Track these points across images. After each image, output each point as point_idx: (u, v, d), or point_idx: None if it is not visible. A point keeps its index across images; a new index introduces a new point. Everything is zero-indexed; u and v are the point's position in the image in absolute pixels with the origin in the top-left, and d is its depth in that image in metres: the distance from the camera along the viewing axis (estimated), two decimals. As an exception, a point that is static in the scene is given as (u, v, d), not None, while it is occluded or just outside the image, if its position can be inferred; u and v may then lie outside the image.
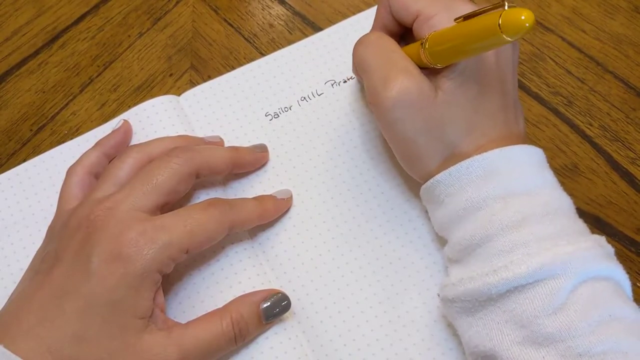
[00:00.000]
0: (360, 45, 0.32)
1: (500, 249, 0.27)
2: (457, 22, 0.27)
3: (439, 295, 0.30)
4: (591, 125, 0.40)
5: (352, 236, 0.35)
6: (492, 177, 0.28)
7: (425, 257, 0.34)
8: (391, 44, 0.31)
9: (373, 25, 0.34)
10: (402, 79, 0.29)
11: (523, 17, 0.22)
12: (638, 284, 0.36)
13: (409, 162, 0.32)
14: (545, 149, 0.39)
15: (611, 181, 0.38)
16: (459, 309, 0.28)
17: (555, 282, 0.25)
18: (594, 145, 0.39)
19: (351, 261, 0.35)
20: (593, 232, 0.36)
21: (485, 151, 0.28)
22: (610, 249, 0.28)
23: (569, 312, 0.25)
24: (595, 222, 0.37)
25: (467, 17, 0.27)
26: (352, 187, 0.37)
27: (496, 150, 0.28)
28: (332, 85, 0.40)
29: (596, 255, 0.26)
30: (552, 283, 0.25)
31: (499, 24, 0.22)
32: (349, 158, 0.38)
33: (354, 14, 0.43)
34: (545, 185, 0.29)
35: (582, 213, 0.37)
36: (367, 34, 0.33)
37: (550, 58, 0.42)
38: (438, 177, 0.29)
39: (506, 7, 0.23)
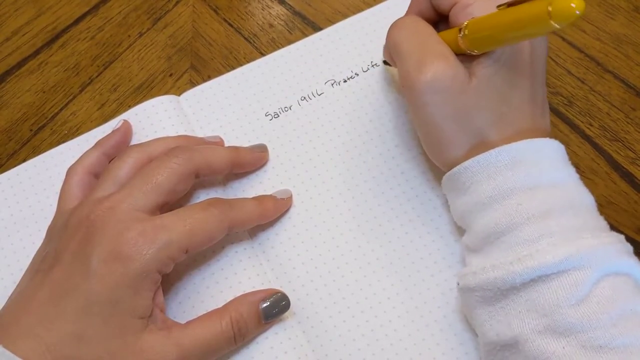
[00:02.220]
0: (395, 28, 0.32)
1: (525, 238, 0.27)
2: (500, 9, 0.27)
3: (458, 284, 0.30)
4: (591, 125, 0.40)
5: (352, 236, 0.35)
6: (520, 167, 0.28)
7: (426, 257, 0.34)
8: (427, 27, 0.31)
9: (408, 10, 0.34)
10: (437, 63, 0.29)
11: (574, 5, 0.22)
12: (638, 284, 0.36)
13: (436, 148, 0.31)
14: (545, 149, 0.39)
15: (611, 181, 0.38)
16: (479, 298, 0.28)
17: (580, 273, 0.25)
18: (594, 145, 0.39)
19: (351, 261, 0.35)
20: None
21: (512, 142, 0.28)
22: (629, 247, 0.28)
23: (591, 303, 0.25)
24: (596, 222, 0.37)
25: (510, 4, 0.27)
26: (352, 187, 0.37)
27: (525, 141, 0.28)
28: (332, 85, 0.40)
29: (618, 250, 0.26)
30: (577, 274, 0.25)
31: (548, 11, 0.22)
32: (349, 158, 0.38)
33: (354, 14, 0.43)
34: (570, 180, 0.29)
35: (582, 213, 0.37)
36: (402, 17, 0.33)
37: (551, 58, 0.42)
38: (466, 163, 0.29)
39: None
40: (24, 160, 0.39)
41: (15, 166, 0.39)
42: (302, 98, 0.40)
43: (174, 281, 0.34)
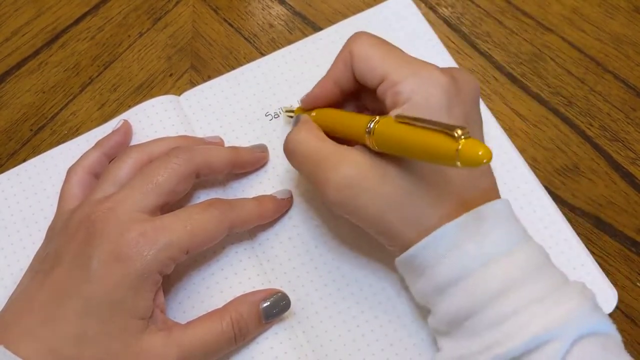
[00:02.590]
0: (288, 153, 0.31)
1: (489, 321, 0.26)
2: (399, 121, 0.26)
3: None
4: (591, 125, 0.40)
5: (353, 236, 0.35)
6: (468, 243, 0.27)
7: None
8: (316, 141, 0.30)
9: (325, 77, 0.33)
10: (341, 172, 0.28)
11: (480, 153, 0.21)
12: (638, 283, 0.36)
13: (386, 238, 0.29)
14: (545, 149, 0.39)
15: (611, 181, 0.38)
16: None
17: (549, 348, 0.24)
18: (594, 145, 0.39)
19: (351, 261, 0.35)
20: (593, 232, 0.37)
21: (460, 213, 0.27)
22: (592, 294, 0.27)
23: None
24: (596, 222, 0.37)
25: (410, 121, 0.25)
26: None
27: (467, 214, 0.27)
28: (332, 85, 0.40)
29: (584, 312, 0.25)
30: (547, 350, 0.24)
31: (456, 151, 0.22)
32: (349, 158, 0.38)
33: (354, 14, 0.43)
34: (520, 240, 0.27)
35: (582, 213, 0.37)
36: (289, 139, 0.31)
37: (551, 58, 0.42)
38: (411, 251, 0.28)
39: (456, 135, 0.22)
40: (24, 160, 0.39)
41: (15, 166, 0.39)
42: (302, 98, 0.40)
43: (174, 281, 0.34)
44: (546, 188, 0.36)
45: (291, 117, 0.36)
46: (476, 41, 0.43)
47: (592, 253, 0.35)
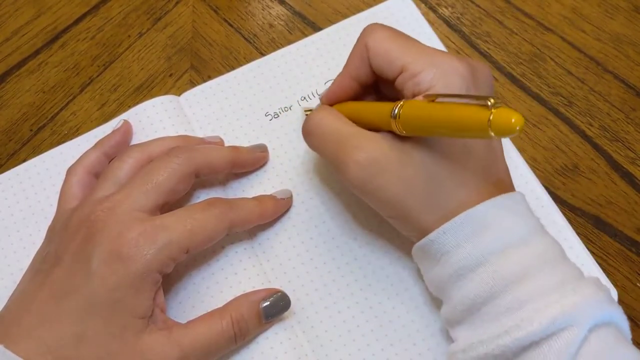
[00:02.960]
0: (306, 136, 0.32)
1: (507, 306, 0.26)
2: (428, 100, 0.26)
3: None
4: (591, 125, 0.40)
5: (352, 236, 0.35)
6: (487, 232, 0.27)
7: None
8: (335, 121, 0.30)
9: (342, 73, 0.32)
10: (356, 156, 0.28)
11: (514, 120, 0.21)
12: (638, 283, 0.36)
13: (403, 224, 0.30)
14: (545, 149, 0.39)
15: (611, 181, 0.38)
16: None
17: (568, 333, 0.24)
18: (594, 145, 0.39)
19: (351, 261, 0.35)
20: (593, 232, 0.37)
21: (478, 202, 0.27)
22: (607, 290, 0.27)
23: None
24: (596, 222, 0.37)
25: (440, 97, 0.25)
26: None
27: (487, 203, 0.27)
28: (332, 85, 0.40)
29: (600, 301, 0.26)
30: (565, 335, 0.24)
31: (489, 122, 0.22)
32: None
33: (354, 14, 0.43)
34: (537, 232, 0.28)
35: (582, 213, 0.37)
36: (310, 118, 0.32)
37: (551, 58, 0.42)
38: (431, 236, 0.28)
39: (489, 103, 0.22)
40: (24, 161, 0.39)
41: (15, 166, 0.39)
42: (302, 98, 0.40)
43: (174, 281, 0.34)
44: (546, 188, 0.36)
45: None
46: (476, 41, 0.43)
47: (592, 253, 0.35)
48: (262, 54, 0.43)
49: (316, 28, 0.44)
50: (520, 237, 0.27)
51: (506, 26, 0.43)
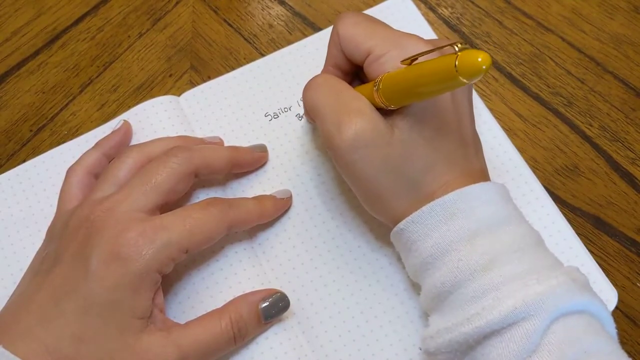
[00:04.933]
0: (308, 89, 0.32)
1: (471, 295, 0.26)
2: (404, 65, 0.27)
3: (420, 349, 0.30)
4: (591, 125, 0.40)
5: (352, 236, 0.35)
6: (455, 219, 0.27)
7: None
8: (340, 84, 0.30)
9: (325, 64, 0.34)
10: (355, 119, 0.28)
11: (480, 59, 0.21)
12: (638, 283, 0.36)
13: (376, 204, 0.30)
14: (545, 150, 0.39)
15: (611, 181, 0.38)
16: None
17: (528, 324, 0.24)
18: (594, 145, 0.39)
19: (351, 261, 0.35)
20: (593, 232, 0.37)
21: (448, 191, 0.28)
22: (584, 279, 0.27)
23: (542, 353, 0.24)
24: (595, 222, 0.37)
25: (413, 59, 0.26)
26: (352, 187, 0.37)
27: (456, 192, 0.28)
28: (332, 85, 0.40)
29: (567, 290, 0.25)
30: (526, 325, 0.24)
31: (455, 66, 0.21)
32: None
33: (353, 14, 0.43)
34: (511, 221, 0.28)
35: (582, 213, 0.37)
36: (315, 77, 0.32)
37: (550, 58, 0.42)
38: (401, 224, 0.29)
39: (457, 49, 0.22)
40: (24, 161, 0.39)
41: (15, 167, 0.39)
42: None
43: (174, 281, 0.34)
44: (546, 188, 0.36)
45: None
46: (476, 41, 0.43)
47: (592, 253, 0.35)
48: (262, 55, 0.43)
49: (316, 28, 0.44)
50: (489, 226, 0.27)
51: (506, 26, 0.43)
